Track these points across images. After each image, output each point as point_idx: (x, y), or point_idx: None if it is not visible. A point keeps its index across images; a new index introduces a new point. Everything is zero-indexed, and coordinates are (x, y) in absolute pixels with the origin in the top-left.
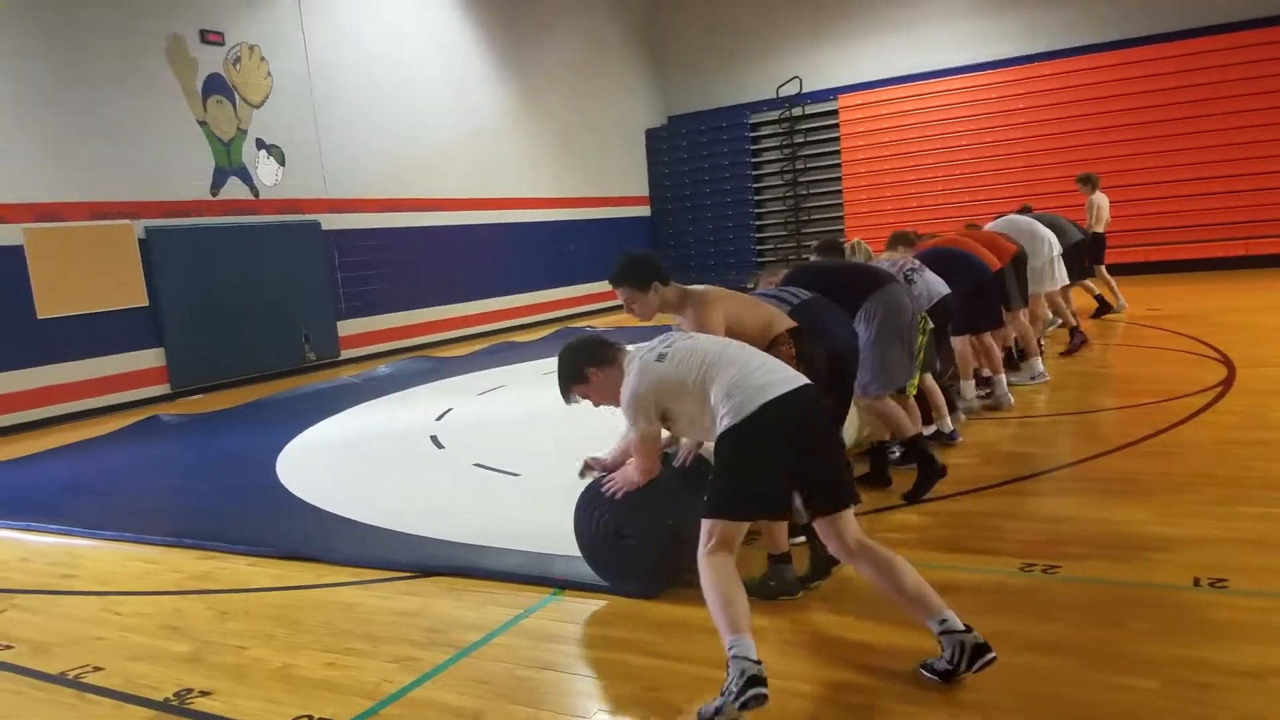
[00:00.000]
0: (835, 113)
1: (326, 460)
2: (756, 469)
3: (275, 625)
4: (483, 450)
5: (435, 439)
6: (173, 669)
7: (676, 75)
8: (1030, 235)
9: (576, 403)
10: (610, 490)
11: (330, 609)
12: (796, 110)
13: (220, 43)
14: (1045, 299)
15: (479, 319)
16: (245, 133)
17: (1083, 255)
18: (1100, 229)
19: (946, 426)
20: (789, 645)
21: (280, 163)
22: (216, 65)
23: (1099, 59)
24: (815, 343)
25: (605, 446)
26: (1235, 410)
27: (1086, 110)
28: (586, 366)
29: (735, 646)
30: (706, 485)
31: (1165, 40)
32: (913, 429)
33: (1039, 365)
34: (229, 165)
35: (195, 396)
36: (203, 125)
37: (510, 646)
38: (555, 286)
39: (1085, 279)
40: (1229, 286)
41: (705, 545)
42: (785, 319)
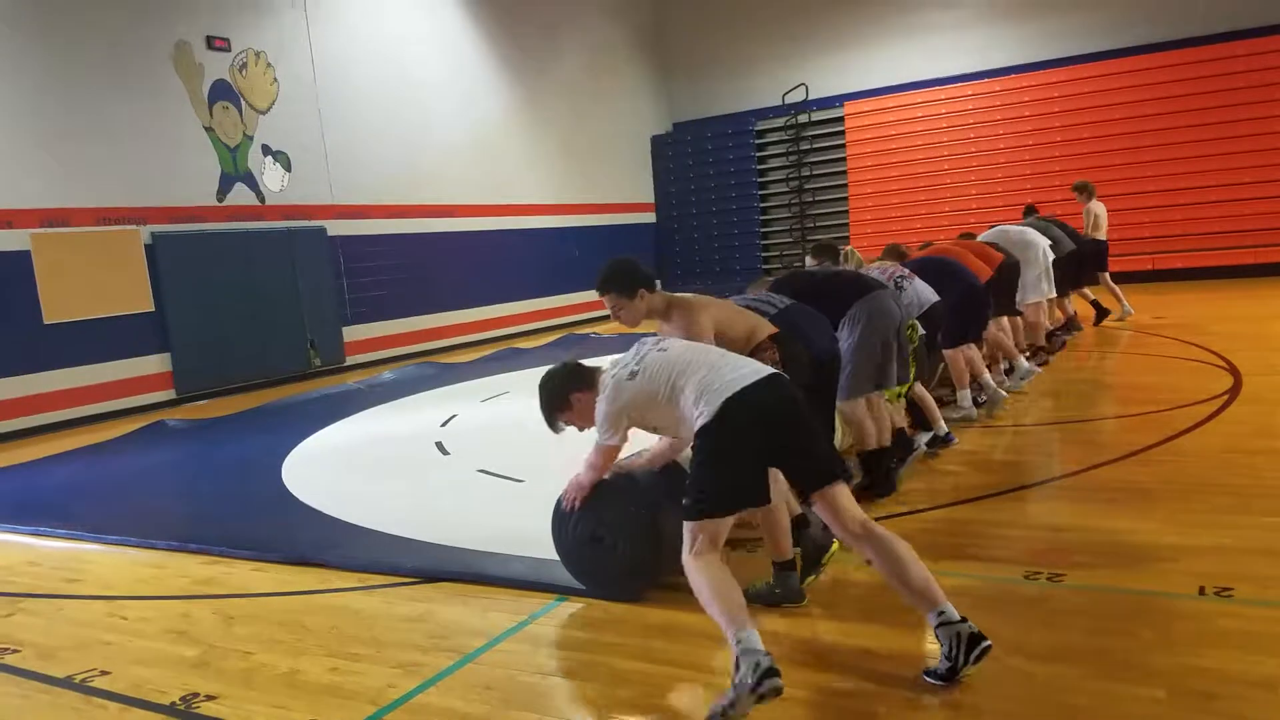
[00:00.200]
0: (841, 119)
1: (332, 466)
2: (733, 461)
3: (281, 630)
4: (487, 457)
5: (440, 445)
6: (179, 673)
7: (682, 82)
8: (1023, 245)
9: (562, 430)
10: (567, 500)
11: (335, 614)
12: (802, 117)
13: (226, 48)
14: (1031, 309)
15: (484, 325)
16: (251, 138)
17: (1075, 266)
18: (1101, 236)
19: (942, 429)
20: (786, 651)
21: (286, 168)
22: (222, 71)
23: (1107, 66)
24: (798, 348)
25: None
26: (1242, 419)
27: (1094, 118)
28: (571, 392)
29: (742, 640)
30: (685, 489)
31: (1177, 47)
32: (875, 443)
33: (1024, 363)
34: (235, 171)
35: (201, 402)
36: (209, 131)
37: (514, 652)
38: (560, 293)
39: (1078, 289)
40: (1236, 295)
41: (690, 548)
42: (768, 325)
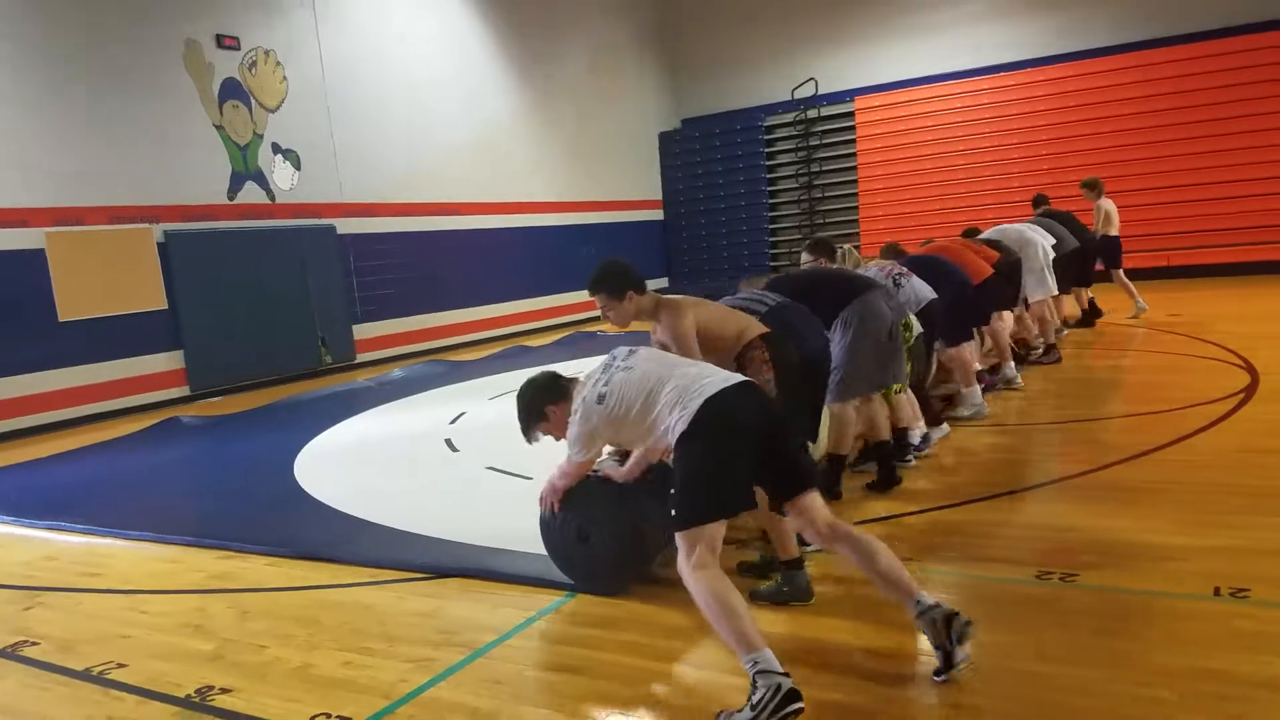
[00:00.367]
0: (851, 115)
1: (343, 462)
2: (717, 464)
3: (294, 625)
4: (496, 454)
5: (450, 442)
6: (195, 666)
7: (690, 78)
8: (1021, 243)
9: (538, 440)
10: (544, 504)
11: (348, 609)
12: (812, 112)
13: (236, 47)
14: (1037, 306)
15: (492, 323)
16: (261, 137)
17: (1078, 263)
18: (1113, 232)
19: (915, 438)
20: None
21: (296, 167)
22: (232, 70)
23: (1120, 60)
24: (788, 347)
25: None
26: (1258, 418)
27: (1107, 112)
28: (546, 404)
29: (759, 662)
30: (670, 500)
31: (1195, 40)
32: (849, 450)
33: (1011, 370)
34: (245, 169)
35: (214, 399)
36: (219, 129)
37: (524, 648)
38: (568, 291)
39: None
40: (1255, 291)
41: (688, 559)
42: (758, 325)
